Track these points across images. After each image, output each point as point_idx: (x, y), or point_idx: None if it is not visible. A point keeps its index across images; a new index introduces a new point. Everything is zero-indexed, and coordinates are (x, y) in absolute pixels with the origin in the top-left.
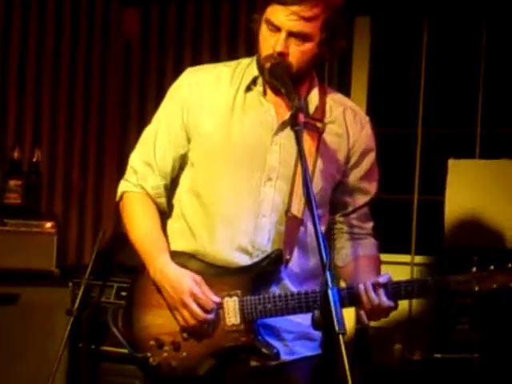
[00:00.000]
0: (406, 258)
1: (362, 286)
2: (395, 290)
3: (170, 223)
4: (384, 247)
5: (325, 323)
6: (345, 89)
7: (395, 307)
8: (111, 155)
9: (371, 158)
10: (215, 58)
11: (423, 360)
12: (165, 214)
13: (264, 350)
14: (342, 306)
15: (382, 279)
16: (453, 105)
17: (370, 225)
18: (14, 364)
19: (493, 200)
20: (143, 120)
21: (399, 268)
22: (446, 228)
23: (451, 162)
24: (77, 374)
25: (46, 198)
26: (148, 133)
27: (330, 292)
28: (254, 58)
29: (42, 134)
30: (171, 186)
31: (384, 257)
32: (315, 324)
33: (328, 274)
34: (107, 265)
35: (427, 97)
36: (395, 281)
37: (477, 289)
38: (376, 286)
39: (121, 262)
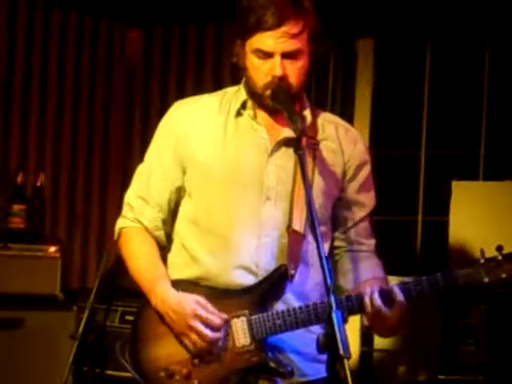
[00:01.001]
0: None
1: (367, 289)
2: (405, 291)
3: (171, 257)
4: (388, 269)
5: (329, 346)
6: (348, 111)
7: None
8: (114, 179)
9: (366, 170)
10: (218, 79)
11: (428, 382)
12: (164, 248)
13: (278, 368)
14: (352, 313)
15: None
16: (456, 126)
17: (372, 241)
18: None
19: (496, 222)
20: (146, 143)
21: None
22: (450, 249)
23: (455, 184)
24: None
25: (50, 222)
26: (142, 170)
27: (333, 315)
28: (241, 86)
29: (45, 159)
30: (170, 222)
31: (389, 279)
32: (320, 347)
33: (332, 296)
34: (111, 289)
35: (430, 118)
36: (402, 282)
37: (486, 280)
38: (384, 292)
39: (125, 286)
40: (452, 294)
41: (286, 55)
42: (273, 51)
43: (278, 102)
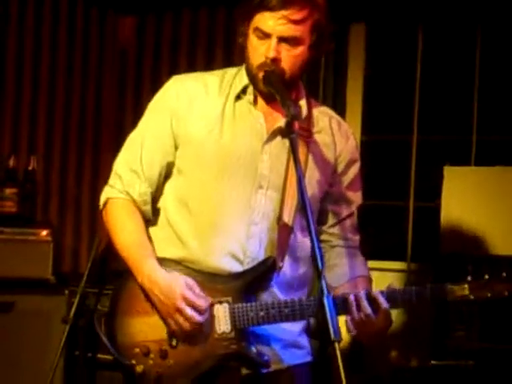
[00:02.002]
0: (402, 264)
1: (353, 296)
2: (392, 297)
3: (154, 231)
4: (380, 254)
5: (320, 331)
6: (340, 96)
7: (389, 321)
8: (106, 163)
9: (356, 168)
10: (210, 65)
11: (419, 367)
12: (149, 221)
13: (255, 358)
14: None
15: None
16: (448, 111)
17: (357, 237)
18: (10, 372)
19: (488, 207)
20: None
21: (395, 275)
22: (441, 235)
23: (447, 169)
24: (73, 381)
25: (42, 206)
26: (134, 139)
27: (325, 300)
28: (242, 68)
29: (37, 143)
30: (157, 196)
31: (380, 264)
32: (311, 331)
33: (323, 281)
34: (103, 272)
35: (422, 103)
36: (392, 288)
37: (472, 297)
38: (370, 295)
39: (117, 270)
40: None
41: (283, 39)
42: (270, 32)
43: (270, 84)
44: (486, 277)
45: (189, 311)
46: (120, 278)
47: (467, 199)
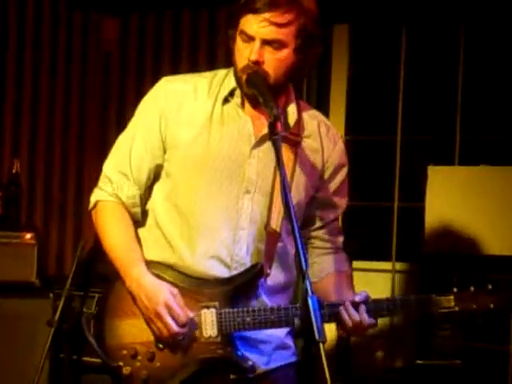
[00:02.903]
0: (387, 264)
1: (342, 307)
2: (376, 307)
3: (143, 232)
4: (365, 254)
5: (305, 331)
6: (324, 97)
7: (376, 324)
8: (91, 166)
9: (343, 173)
10: (194, 67)
11: (405, 367)
12: (138, 223)
13: (240, 363)
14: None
15: (360, 297)
16: (431, 111)
17: (340, 239)
18: None
19: (472, 206)
20: (123, 130)
21: (380, 275)
22: (425, 235)
23: (431, 169)
24: None
25: (26, 209)
26: (123, 141)
27: (309, 300)
28: (231, 70)
29: (21, 145)
30: (145, 198)
31: (365, 264)
32: (295, 331)
33: (307, 282)
34: (88, 275)
35: (406, 104)
36: (376, 299)
37: (457, 309)
38: (357, 304)
39: (102, 273)
40: (428, 279)
41: (266, 42)
42: (254, 35)
43: (252, 86)
44: (472, 289)
45: (168, 319)
46: (109, 280)
47: (451, 198)
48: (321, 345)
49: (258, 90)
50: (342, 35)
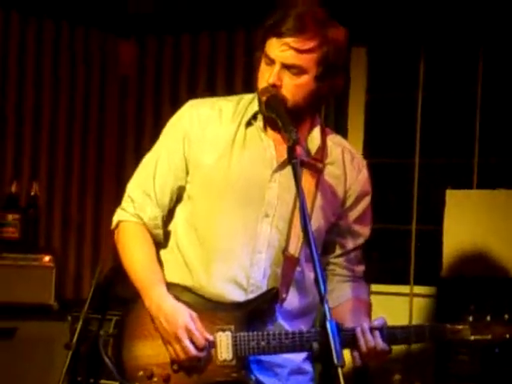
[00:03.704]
0: (405, 288)
1: (359, 329)
2: (391, 335)
3: (164, 254)
4: (382, 278)
5: (323, 355)
6: (342, 119)
7: (390, 351)
8: (109, 189)
9: (366, 201)
10: (211, 89)
11: None
12: (159, 244)
13: None
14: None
15: (377, 322)
16: (450, 135)
17: (361, 268)
18: None
19: (490, 230)
20: (140, 152)
21: (398, 298)
22: (444, 258)
23: (449, 192)
24: None
25: (44, 232)
26: (147, 162)
27: (328, 324)
28: (256, 94)
29: (39, 168)
30: (167, 218)
31: (383, 287)
32: (314, 356)
33: (326, 306)
34: (106, 298)
35: (424, 127)
36: (392, 326)
37: (472, 338)
38: (372, 329)
39: (119, 296)
40: (446, 303)
41: (286, 66)
42: (274, 59)
43: (271, 109)
44: (488, 318)
45: (187, 342)
46: (127, 303)
47: (469, 222)
48: (339, 369)
49: (276, 114)
50: (359, 58)
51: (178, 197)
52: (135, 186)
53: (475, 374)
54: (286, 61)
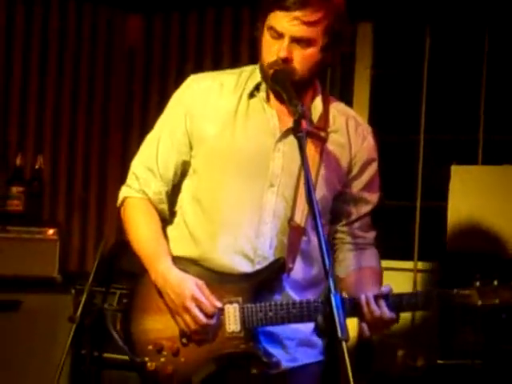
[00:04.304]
0: (409, 264)
1: (363, 297)
2: (397, 302)
3: (170, 230)
4: (387, 254)
5: (328, 329)
6: (347, 95)
7: (397, 320)
8: (114, 162)
9: (373, 168)
10: (218, 64)
11: (426, 366)
12: (165, 220)
13: (264, 359)
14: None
15: (383, 290)
16: (455, 111)
17: (372, 234)
18: (17, 371)
19: (495, 206)
20: (145, 127)
21: (402, 274)
22: (448, 234)
23: (454, 168)
24: (80, 380)
25: (49, 205)
26: (150, 139)
27: (332, 298)
28: (257, 66)
29: (44, 141)
30: (172, 194)
31: (387, 263)
32: (318, 330)
33: (331, 279)
34: (110, 271)
35: (429, 103)
36: (398, 293)
37: (479, 303)
38: (377, 298)
39: (123, 269)
40: (449, 279)
41: (295, 40)
42: (283, 32)
43: (277, 82)
44: (495, 283)
45: (196, 311)
46: (131, 277)
47: (474, 198)
48: (343, 343)
49: (281, 87)
50: (365, 34)
51: (183, 172)
52: (139, 163)
53: (479, 350)
54: (296, 34)
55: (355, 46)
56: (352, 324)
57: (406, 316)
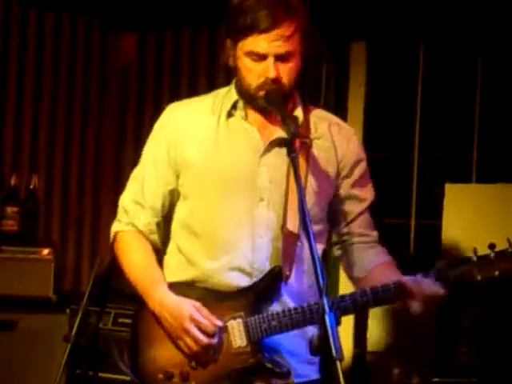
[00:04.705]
0: None
1: (409, 279)
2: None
3: (166, 259)
4: None
5: (322, 348)
6: (341, 113)
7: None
8: (108, 181)
9: (362, 167)
10: (212, 83)
11: None
12: (159, 251)
13: (275, 369)
14: (388, 302)
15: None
16: (449, 129)
17: (375, 233)
18: None
19: (489, 224)
20: (139, 145)
21: None
22: (442, 252)
23: (448, 187)
24: None
25: (43, 225)
26: (136, 174)
27: (327, 317)
28: (232, 86)
29: (38, 161)
30: (164, 224)
31: None
32: (312, 349)
33: (325, 298)
34: (104, 291)
35: (423, 121)
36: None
37: (479, 278)
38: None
39: (118, 289)
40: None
41: (278, 57)
42: (267, 53)
43: (271, 103)
44: (492, 255)
45: (196, 332)
46: (137, 306)
47: (468, 216)
48: (338, 362)
49: (276, 108)
50: (359, 52)
51: (171, 202)
52: (127, 198)
53: (474, 367)
54: (279, 51)
55: (349, 65)
56: (346, 343)
57: (400, 333)
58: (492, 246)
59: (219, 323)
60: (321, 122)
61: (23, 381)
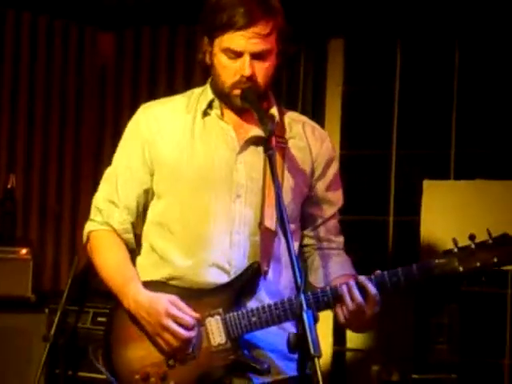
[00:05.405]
0: None
1: (344, 286)
2: (380, 283)
3: (140, 259)
4: (360, 269)
5: (300, 345)
6: (319, 111)
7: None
8: (87, 180)
9: (334, 168)
10: (189, 81)
11: (401, 381)
12: (133, 251)
13: (255, 365)
14: (327, 307)
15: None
16: (426, 126)
17: (341, 239)
18: None
19: (467, 220)
20: (117, 144)
21: None
22: (421, 248)
23: (426, 183)
24: None
25: (22, 224)
26: (109, 173)
27: (304, 314)
28: (207, 85)
29: (16, 160)
30: (138, 225)
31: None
32: (290, 346)
33: (302, 296)
34: (83, 290)
35: (401, 118)
36: (379, 273)
37: (461, 269)
38: (361, 285)
39: (97, 288)
40: (424, 293)
41: (254, 55)
42: (243, 51)
43: (247, 101)
44: (473, 246)
45: (174, 326)
46: (112, 306)
47: (447, 212)
48: (316, 360)
49: (252, 106)
50: (336, 49)
51: (146, 200)
52: (100, 197)
53: (454, 364)
54: (255, 49)
55: (326, 62)
56: (325, 340)
57: (380, 330)
58: (472, 237)
59: (196, 315)
60: (295, 122)
61: (2, 381)
